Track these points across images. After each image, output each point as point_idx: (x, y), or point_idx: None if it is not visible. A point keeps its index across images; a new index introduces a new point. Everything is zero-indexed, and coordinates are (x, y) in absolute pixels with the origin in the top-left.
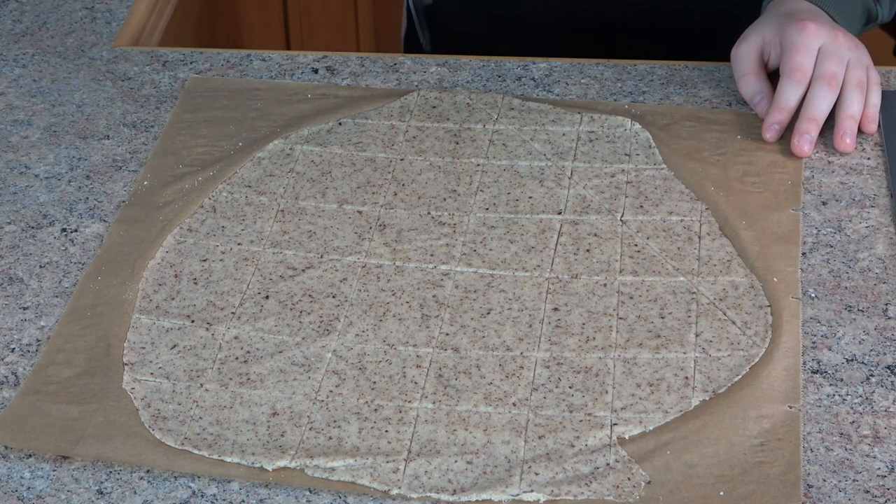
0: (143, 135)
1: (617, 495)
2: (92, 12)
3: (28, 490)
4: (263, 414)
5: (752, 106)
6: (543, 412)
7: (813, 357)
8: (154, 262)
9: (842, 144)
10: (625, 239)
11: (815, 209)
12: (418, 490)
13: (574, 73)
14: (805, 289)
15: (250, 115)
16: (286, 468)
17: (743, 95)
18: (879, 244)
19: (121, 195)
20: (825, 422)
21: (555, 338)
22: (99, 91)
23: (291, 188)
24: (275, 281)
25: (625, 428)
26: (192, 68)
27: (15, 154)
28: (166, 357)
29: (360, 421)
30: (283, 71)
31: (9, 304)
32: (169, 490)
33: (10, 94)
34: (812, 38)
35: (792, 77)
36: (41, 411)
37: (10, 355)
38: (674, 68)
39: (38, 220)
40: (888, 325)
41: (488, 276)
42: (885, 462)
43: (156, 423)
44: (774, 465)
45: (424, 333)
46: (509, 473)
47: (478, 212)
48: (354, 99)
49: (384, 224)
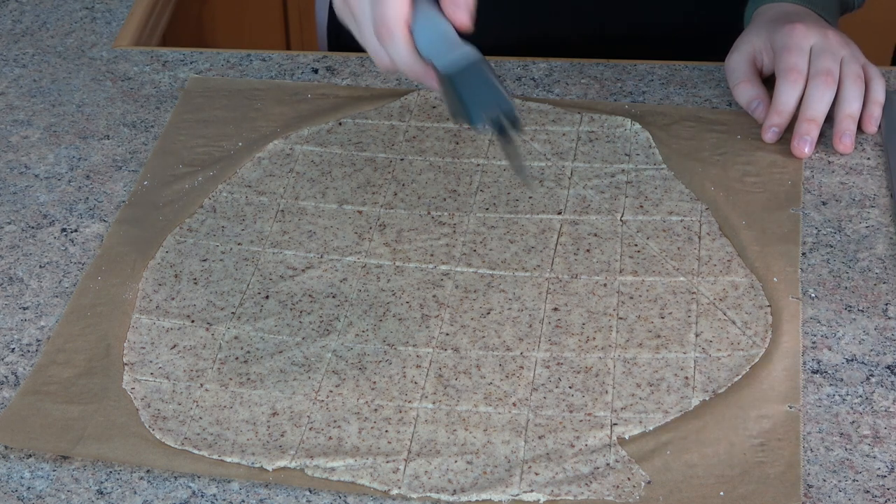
0: (143, 135)
1: (617, 495)
2: (92, 12)
3: (28, 490)
4: (263, 414)
5: (750, 112)
6: (543, 412)
7: (813, 357)
8: (154, 262)
9: (841, 146)
10: (625, 239)
11: (815, 209)
12: (418, 490)
13: (574, 73)
14: (805, 289)
15: (250, 115)
16: (286, 468)
17: (740, 103)
18: (879, 244)
19: (121, 195)
20: (825, 422)
21: (555, 338)
22: (99, 91)
23: (291, 188)
24: (275, 281)
25: (625, 428)
26: (192, 68)
27: (15, 154)
28: (166, 357)
29: (360, 421)
30: (283, 71)
31: (9, 304)
32: (169, 490)
33: (10, 94)
34: (802, 38)
35: (788, 78)
36: (41, 411)
37: (10, 355)
38: (674, 68)
39: (38, 220)
40: (888, 325)
41: (488, 276)
42: (885, 462)
43: (156, 423)
44: (774, 465)
45: (424, 333)
46: (509, 473)
47: (478, 212)
48: (354, 99)
49: (384, 224)
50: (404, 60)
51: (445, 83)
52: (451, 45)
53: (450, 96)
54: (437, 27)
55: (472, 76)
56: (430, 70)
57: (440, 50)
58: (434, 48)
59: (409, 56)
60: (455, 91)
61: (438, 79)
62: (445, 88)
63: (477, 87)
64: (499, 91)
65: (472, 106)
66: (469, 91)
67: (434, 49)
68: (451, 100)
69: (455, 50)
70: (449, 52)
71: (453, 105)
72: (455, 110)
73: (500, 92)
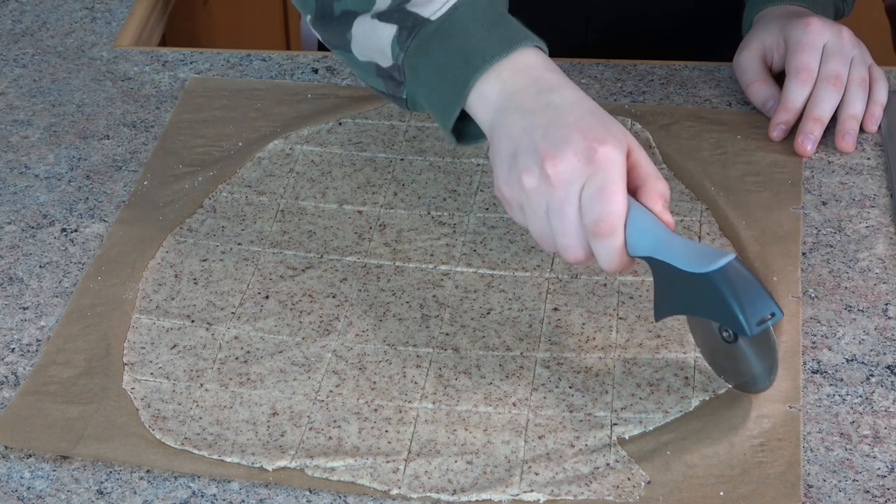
0: (143, 135)
1: (617, 495)
2: (92, 12)
3: (28, 490)
4: (263, 414)
5: (765, 112)
6: (543, 412)
7: (813, 357)
8: (154, 262)
9: (843, 144)
10: None
11: (815, 209)
12: (418, 490)
13: (574, 73)
14: (805, 289)
15: (250, 115)
16: (286, 468)
17: (753, 103)
18: (879, 244)
19: (121, 195)
20: (825, 422)
21: (555, 338)
22: (99, 91)
23: (291, 188)
24: (275, 281)
25: (625, 428)
26: (192, 68)
27: (15, 154)
28: (166, 357)
29: (360, 421)
30: (283, 71)
31: (9, 304)
32: (169, 490)
33: (10, 94)
34: (817, 35)
35: (798, 77)
36: (41, 411)
37: (10, 355)
38: (674, 68)
39: (38, 220)
40: (888, 325)
41: (488, 276)
42: (885, 462)
43: (156, 423)
44: (774, 465)
45: (424, 333)
46: (509, 473)
47: (478, 212)
48: (354, 99)
49: (384, 224)
50: (616, 260)
51: (692, 283)
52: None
53: (692, 296)
54: (656, 225)
55: (734, 276)
56: (633, 264)
57: (674, 250)
58: (664, 248)
59: (622, 255)
60: (716, 293)
61: (659, 275)
62: (684, 287)
63: (743, 289)
64: (766, 293)
65: (740, 311)
66: (733, 294)
67: (664, 249)
68: (690, 299)
69: (697, 249)
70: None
71: (696, 305)
72: (702, 311)
73: (767, 294)
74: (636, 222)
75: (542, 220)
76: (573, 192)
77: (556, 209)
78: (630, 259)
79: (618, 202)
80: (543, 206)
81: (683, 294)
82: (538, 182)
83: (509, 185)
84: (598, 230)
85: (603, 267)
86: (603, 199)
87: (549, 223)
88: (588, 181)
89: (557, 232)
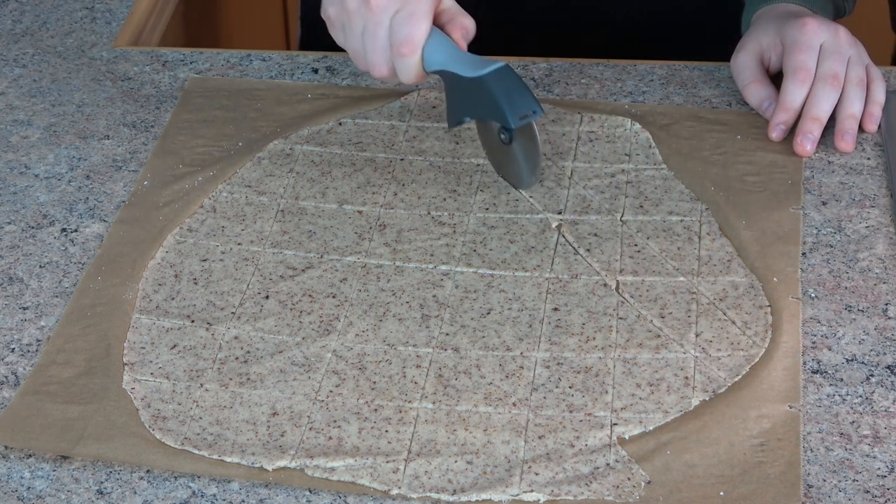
0: (143, 135)
1: (617, 495)
2: (92, 12)
3: (28, 490)
4: (263, 414)
5: (762, 112)
6: (543, 412)
7: (813, 357)
8: (154, 262)
9: (842, 144)
10: (625, 239)
11: (815, 209)
12: (418, 490)
13: (574, 73)
14: (805, 289)
15: (250, 115)
16: (286, 468)
17: (750, 104)
18: (879, 244)
19: (121, 195)
20: (825, 422)
21: (555, 338)
22: (99, 91)
23: (291, 188)
24: (275, 281)
25: (625, 428)
26: (192, 68)
27: (15, 154)
28: (166, 357)
29: (360, 421)
30: (283, 71)
31: (9, 304)
32: (169, 490)
33: (10, 94)
34: (813, 35)
35: (796, 77)
36: (41, 411)
37: (10, 355)
38: (674, 68)
39: (38, 220)
40: (888, 325)
41: (488, 276)
42: (885, 462)
43: (156, 423)
44: (774, 465)
45: (424, 333)
46: (509, 473)
47: (478, 212)
48: (354, 99)
49: (384, 224)
50: (413, 73)
51: (471, 88)
52: (470, 59)
53: (472, 100)
54: (450, 46)
55: (503, 79)
56: (425, 77)
57: (460, 62)
58: (452, 62)
59: (418, 69)
60: (488, 93)
61: (449, 86)
62: (467, 93)
63: (509, 90)
64: (530, 94)
65: (506, 107)
66: (502, 93)
67: (452, 62)
68: (471, 104)
69: (478, 61)
70: (472, 64)
71: (476, 108)
72: (479, 113)
73: (530, 95)
74: (434, 44)
75: (358, 39)
76: (386, 17)
77: (371, 30)
78: (424, 73)
79: (421, 28)
80: (360, 27)
81: (467, 100)
82: (359, 5)
83: (334, 5)
84: (400, 50)
85: (401, 80)
86: (409, 23)
87: (363, 42)
88: (400, 9)
89: (368, 50)
